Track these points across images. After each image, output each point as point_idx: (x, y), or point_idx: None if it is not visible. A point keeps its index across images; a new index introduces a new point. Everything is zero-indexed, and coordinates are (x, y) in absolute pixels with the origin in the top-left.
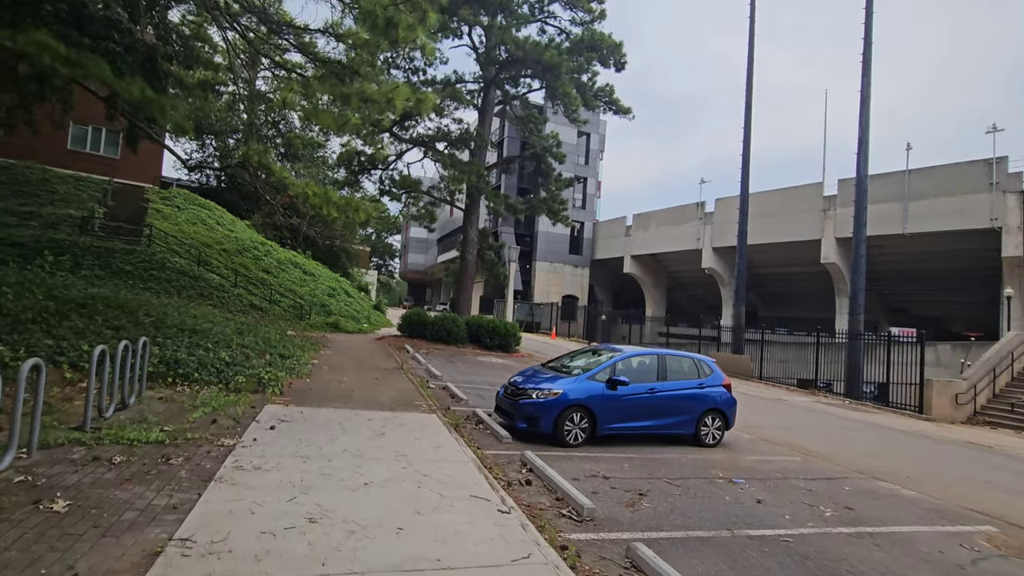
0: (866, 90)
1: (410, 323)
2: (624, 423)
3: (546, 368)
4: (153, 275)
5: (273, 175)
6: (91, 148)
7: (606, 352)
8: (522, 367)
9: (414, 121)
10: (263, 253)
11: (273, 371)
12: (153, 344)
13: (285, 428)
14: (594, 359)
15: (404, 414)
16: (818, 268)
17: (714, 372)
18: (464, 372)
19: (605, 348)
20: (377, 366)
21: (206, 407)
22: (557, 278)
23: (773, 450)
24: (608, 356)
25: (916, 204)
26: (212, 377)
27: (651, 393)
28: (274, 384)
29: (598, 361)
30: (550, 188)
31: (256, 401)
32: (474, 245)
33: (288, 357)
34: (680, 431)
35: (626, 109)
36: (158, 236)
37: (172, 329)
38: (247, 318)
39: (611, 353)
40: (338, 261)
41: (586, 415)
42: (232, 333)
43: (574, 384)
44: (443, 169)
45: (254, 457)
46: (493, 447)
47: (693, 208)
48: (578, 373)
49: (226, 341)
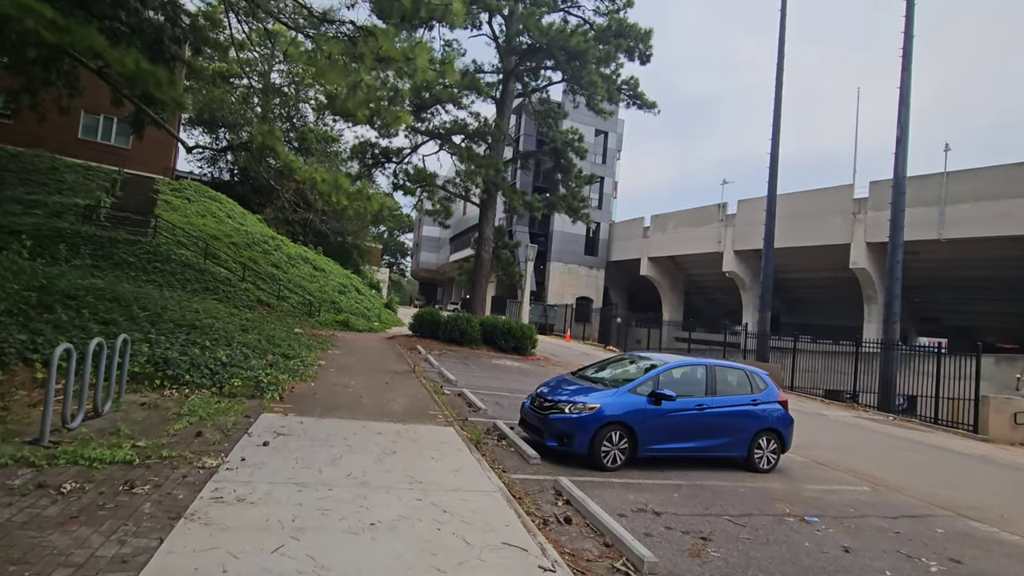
0: (906, 86)
1: (422, 323)
2: (668, 444)
3: (576, 378)
4: (157, 267)
5: (279, 158)
6: (102, 138)
7: (643, 360)
8: (540, 371)
9: (430, 113)
10: (273, 247)
11: (274, 373)
12: (144, 341)
13: (281, 444)
14: (630, 369)
15: (418, 427)
16: (845, 274)
17: (768, 387)
18: (479, 376)
19: (642, 356)
20: (388, 368)
21: (192, 416)
22: (572, 279)
23: (834, 477)
24: (648, 366)
25: (954, 208)
26: (205, 379)
27: (699, 410)
28: (273, 388)
29: (636, 371)
30: (569, 185)
31: (251, 409)
32: (490, 243)
33: (292, 357)
34: (730, 453)
35: (651, 103)
36: (165, 227)
37: (169, 325)
38: (253, 314)
39: (650, 362)
40: (350, 258)
41: (626, 434)
42: (235, 330)
43: (612, 398)
44: (460, 163)
45: (239, 484)
46: (520, 470)
47: (714, 209)
48: (614, 385)
49: (227, 338)
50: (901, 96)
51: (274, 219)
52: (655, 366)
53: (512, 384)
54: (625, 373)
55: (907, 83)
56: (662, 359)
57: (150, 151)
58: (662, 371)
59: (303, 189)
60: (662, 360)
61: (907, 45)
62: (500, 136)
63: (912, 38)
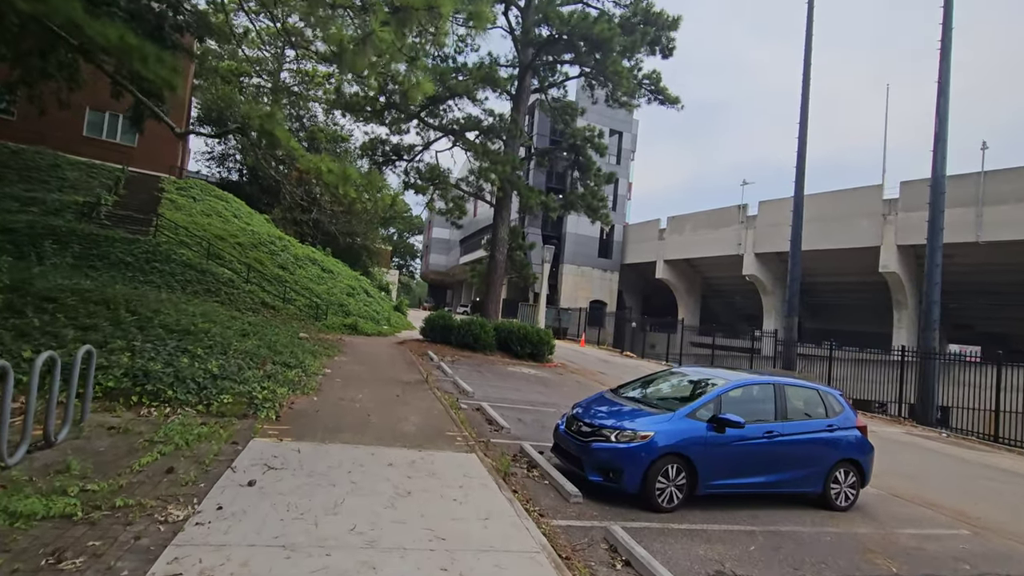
0: (944, 80)
1: (433, 327)
2: (733, 479)
3: (617, 396)
4: (155, 267)
5: (280, 146)
6: (107, 135)
7: (696, 377)
8: (559, 380)
9: (445, 107)
10: (280, 248)
11: (271, 386)
12: (125, 350)
13: (270, 482)
14: (681, 386)
15: (435, 453)
16: (873, 278)
17: (844, 409)
18: (497, 387)
19: (694, 372)
20: (398, 378)
21: (166, 445)
22: (585, 282)
23: (922, 516)
24: (704, 384)
25: (992, 210)
26: (190, 396)
27: (768, 438)
28: (269, 405)
29: (690, 390)
30: (588, 183)
31: (240, 432)
32: (504, 244)
33: (294, 366)
34: (803, 489)
35: (674, 98)
36: (167, 226)
37: (159, 330)
38: (256, 318)
39: (706, 379)
40: (359, 259)
41: (684, 467)
42: (234, 335)
43: (667, 424)
44: (475, 160)
45: (207, 550)
46: (560, 512)
47: (734, 211)
48: (666, 407)
49: (224, 345)
50: (940, 89)
51: (282, 219)
52: (713, 384)
53: (532, 396)
54: (675, 392)
55: (946, 75)
56: (720, 376)
57: (156, 149)
58: (724, 391)
59: (308, 180)
60: (721, 377)
61: (946, 36)
62: (516, 132)
63: (951, 29)
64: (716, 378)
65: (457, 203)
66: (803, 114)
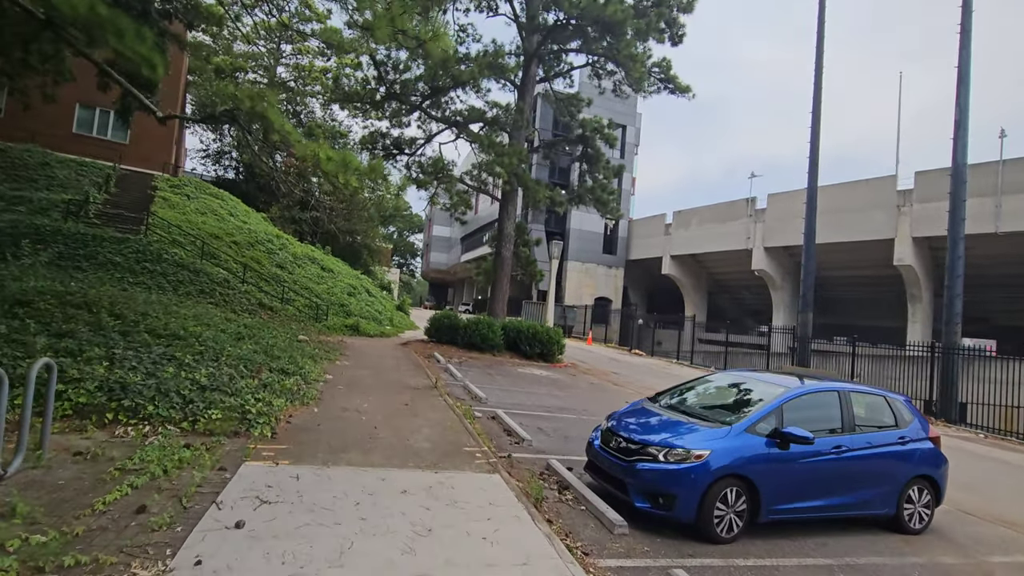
0: (964, 65)
1: (439, 327)
2: (799, 502)
3: (657, 406)
4: (146, 267)
5: (273, 129)
6: (98, 132)
7: (743, 381)
8: (572, 382)
9: (447, 99)
10: (278, 247)
11: (266, 397)
12: (103, 359)
13: (263, 522)
14: (730, 394)
15: (455, 475)
16: (887, 271)
17: (915, 418)
18: (509, 391)
19: (744, 377)
20: (406, 383)
21: (140, 475)
22: (589, 279)
23: (1004, 538)
24: (759, 391)
25: (1012, 199)
26: (174, 411)
27: (837, 454)
28: (264, 421)
29: (742, 398)
30: (596, 176)
31: (230, 455)
32: (510, 240)
33: (292, 373)
34: (874, 511)
35: (684, 87)
36: (159, 225)
37: (144, 336)
38: (253, 320)
39: (763, 385)
40: (359, 258)
41: (744, 491)
42: (228, 340)
43: (724, 441)
44: (480, 152)
45: None
46: (607, 548)
47: (742, 204)
48: (718, 419)
49: (216, 351)
50: (960, 76)
51: (280, 217)
52: (769, 393)
53: (548, 400)
54: (723, 400)
55: (966, 61)
56: (772, 382)
57: (150, 147)
58: (785, 401)
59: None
60: (776, 384)
61: (966, 19)
62: (522, 123)
63: (971, 11)
64: (770, 384)
65: (462, 197)
66: (816, 101)
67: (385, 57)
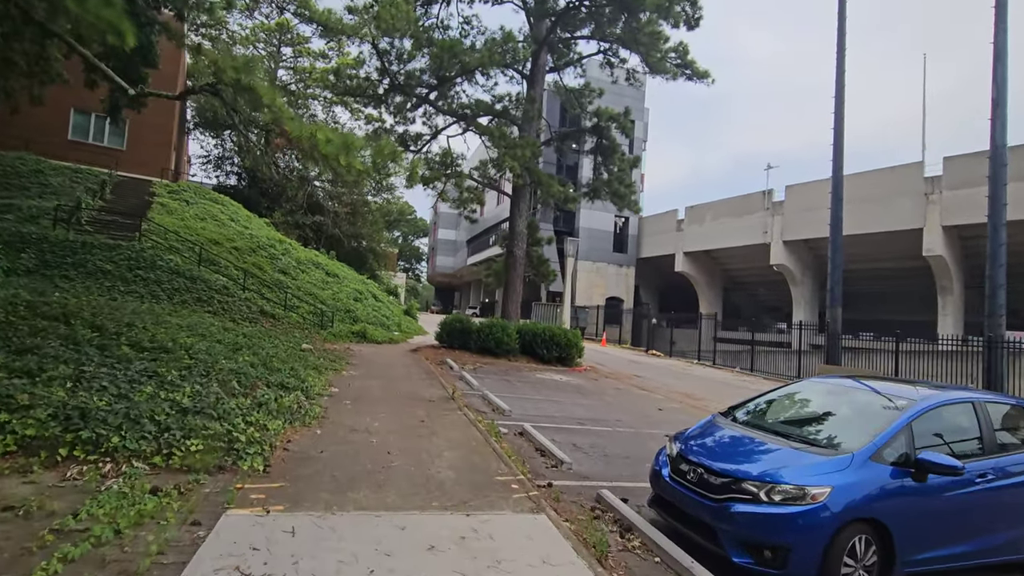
0: (1001, 40)
1: (451, 331)
2: (940, 549)
3: (738, 424)
4: (139, 275)
5: (262, 104)
6: (94, 139)
7: (844, 391)
8: (596, 388)
9: (454, 93)
10: (281, 252)
11: (261, 419)
12: (67, 380)
13: None
14: (828, 407)
15: (491, 518)
16: (914, 263)
17: None
18: (532, 400)
19: (840, 386)
20: (419, 395)
21: (84, 538)
22: (599, 278)
23: None
24: (878, 404)
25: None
26: (145, 442)
27: (985, 482)
28: (255, 450)
29: (850, 414)
30: (612, 168)
31: (209, 499)
32: (523, 238)
33: (293, 388)
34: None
35: (703, 72)
36: (155, 231)
37: (125, 349)
38: (254, 328)
39: (869, 396)
40: (365, 262)
41: (874, 538)
42: (223, 352)
43: (846, 473)
44: (490, 143)
45: None
46: None
47: (759, 197)
48: (825, 440)
49: (207, 365)
50: (996, 52)
51: (283, 223)
52: (896, 408)
53: (575, 410)
54: (826, 416)
55: (1002, 38)
56: (891, 392)
57: (148, 153)
58: (914, 417)
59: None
60: (899, 396)
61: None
62: (534, 114)
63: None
64: (884, 396)
65: (473, 192)
66: (839, 84)
67: (388, 46)
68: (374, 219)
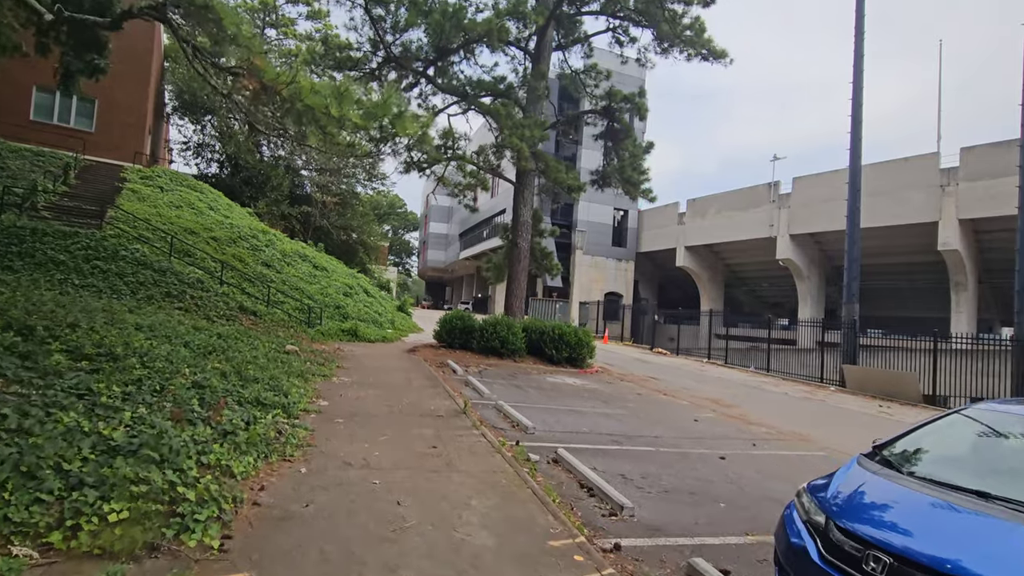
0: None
1: (451, 330)
2: None
3: (902, 475)
4: (98, 267)
5: (224, 33)
6: (59, 119)
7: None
8: (616, 393)
9: (456, 69)
10: (264, 243)
11: (223, 458)
12: None
13: None
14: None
15: None
16: (927, 257)
17: None
18: (551, 411)
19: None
20: (425, 408)
21: None
22: (599, 273)
23: None
24: None
25: None
26: (39, 510)
27: None
28: (208, 514)
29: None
30: (623, 154)
31: None
32: (527, 228)
33: (272, 406)
34: None
35: (720, 51)
36: (123, 219)
37: (58, 358)
38: (231, 327)
39: None
40: (355, 256)
41: None
42: (189, 357)
43: None
44: (494, 123)
45: None
46: None
47: (764, 190)
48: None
49: (165, 376)
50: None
51: (268, 213)
52: None
53: (603, 422)
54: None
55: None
56: None
57: (119, 136)
58: None
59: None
60: None
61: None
62: (541, 92)
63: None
64: None
65: (477, 177)
66: (856, 71)
67: (384, 12)
68: (364, 211)
